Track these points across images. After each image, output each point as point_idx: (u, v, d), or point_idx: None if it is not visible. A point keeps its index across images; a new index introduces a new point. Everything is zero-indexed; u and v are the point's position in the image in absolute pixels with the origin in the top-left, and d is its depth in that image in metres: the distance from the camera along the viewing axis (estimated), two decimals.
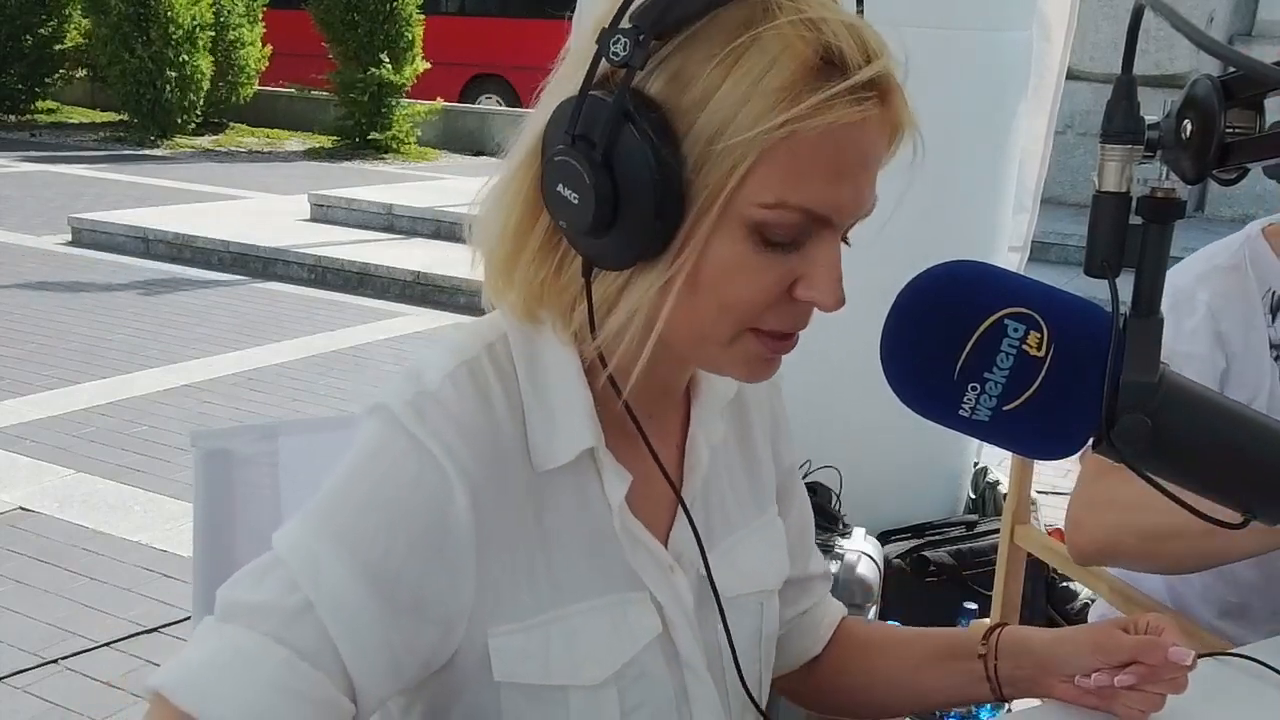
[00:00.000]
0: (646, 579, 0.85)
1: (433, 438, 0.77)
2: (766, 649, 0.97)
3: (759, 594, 0.95)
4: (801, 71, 0.69)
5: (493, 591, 0.79)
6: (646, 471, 0.85)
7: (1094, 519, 1.37)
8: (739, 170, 0.70)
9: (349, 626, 0.75)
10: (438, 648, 0.80)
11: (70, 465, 3.82)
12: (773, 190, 0.71)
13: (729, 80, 0.70)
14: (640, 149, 0.70)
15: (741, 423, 0.98)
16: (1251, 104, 0.64)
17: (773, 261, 0.74)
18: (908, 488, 3.04)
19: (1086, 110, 8.08)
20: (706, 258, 0.73)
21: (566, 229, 0.75)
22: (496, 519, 0.79)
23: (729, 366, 0.80)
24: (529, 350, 0.82)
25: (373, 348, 5.44)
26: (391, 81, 10.99)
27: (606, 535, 0.84)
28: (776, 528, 1.00)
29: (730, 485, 0.95)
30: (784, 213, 0.72)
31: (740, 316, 0.76)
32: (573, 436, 0.81)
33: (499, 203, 0.80)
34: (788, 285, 0.75)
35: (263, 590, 0.76)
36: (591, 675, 0.82)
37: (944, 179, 2.90)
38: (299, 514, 0.80)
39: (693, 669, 0.88)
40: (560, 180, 0.73)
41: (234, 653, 0.74)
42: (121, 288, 6.37)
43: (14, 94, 12.47)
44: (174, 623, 2.86)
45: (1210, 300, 1.40)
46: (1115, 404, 0.63)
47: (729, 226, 0.73)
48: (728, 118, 0.70)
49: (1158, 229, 0.63)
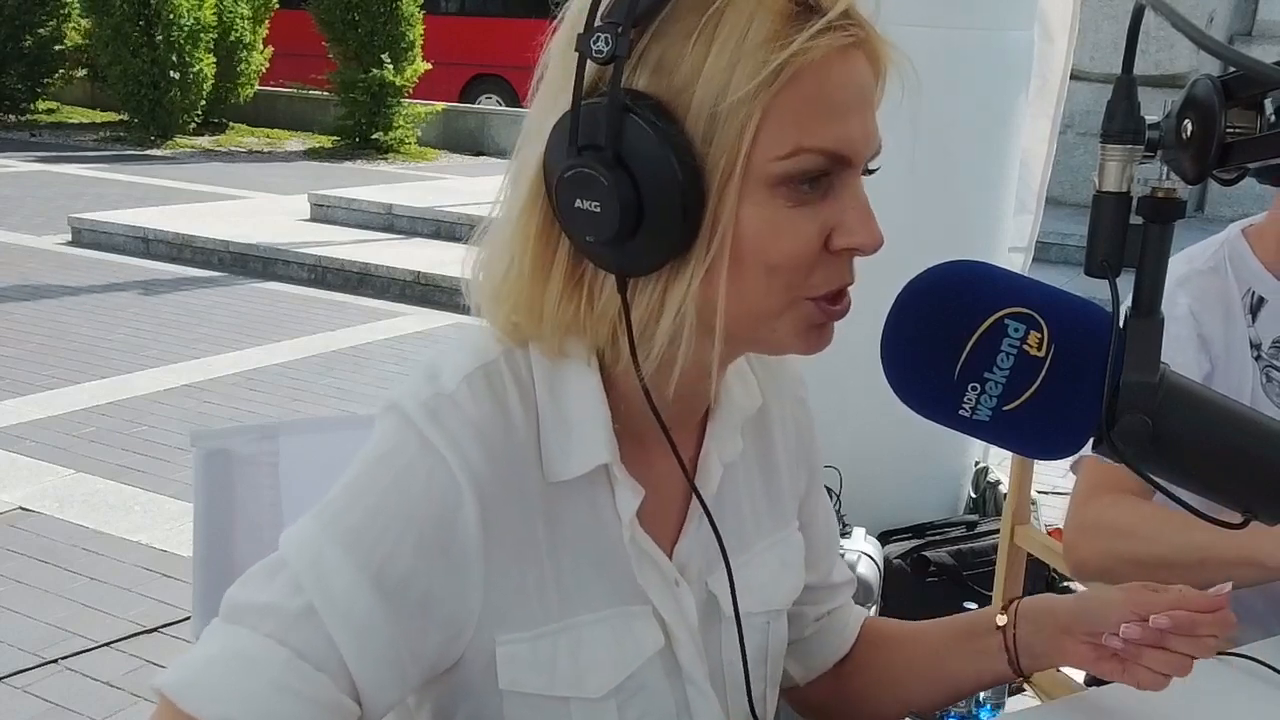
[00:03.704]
0: (651, 593, 0.85)
1: (445, 441, 0.76)
2: (773, 668, 0.97)
3: (767, 613, 0.94)
4: (780, 20, 0.70)
5: (500, 598, 0.79)
6: (655, 485, 0.84)
7: (1087, 544, 1.39)
8: (749, 131, 0.71)
9: (353, 629, 0.75)
10: (444, 652, 0.79)
11: (70, 465, 3.82)
12: (786, 140, 0.71)
13: (714, 50, 0.70)
14: (649, 139, 0.70)
15: (763, 440, 0.97)
16: (1251, 104, 0.64)
17: (805, 215, 0.74)
18: (908, 488, 3.04)
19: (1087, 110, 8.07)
20: (741, 230, 0.73)
21: (594, 243, 0.73)
22: (506, 526, 0.78)
23: (789, 339, 0.79)
24: (549, 360, 0.81)
25: (373, 348, 5.44)
26: (392, 83, 10.99)
27: (615, 548, 0.83)
28: (793, 544, 0.99)
29: (746, 503, 0.94)
30: (802, 158, 0.72)
31: (789, 280, 0.75)
32: (589, 451, 0.80)
33: (505, 250, 0.78)
34: (824, 238, 0.75)
35: (268, 592, 0.76)
36: (594, 687, 0.81)
37: (945, 179, 2.92)
38: (309, 513, 0.79)
39: (695, 684, 0.87)
40: (577, 195, 0.72)
41: (237, 654, 0.74)
42: (121, 288, 6.37)
43: (14, 94, 12.47)
44: (174, 623, 2.86)
45: (1191, 304, 1.41)
46: (1115, 404, 0.63)
47: (754, 191, 0.72)
48: (723, 83, 0.70)
49: (1158, 229, 0.63)
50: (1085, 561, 1.39)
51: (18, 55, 12.19)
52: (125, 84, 11.11)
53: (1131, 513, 1.34)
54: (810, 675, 1.08)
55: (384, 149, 11.44)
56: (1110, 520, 1.34)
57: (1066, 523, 1.41)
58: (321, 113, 12.28)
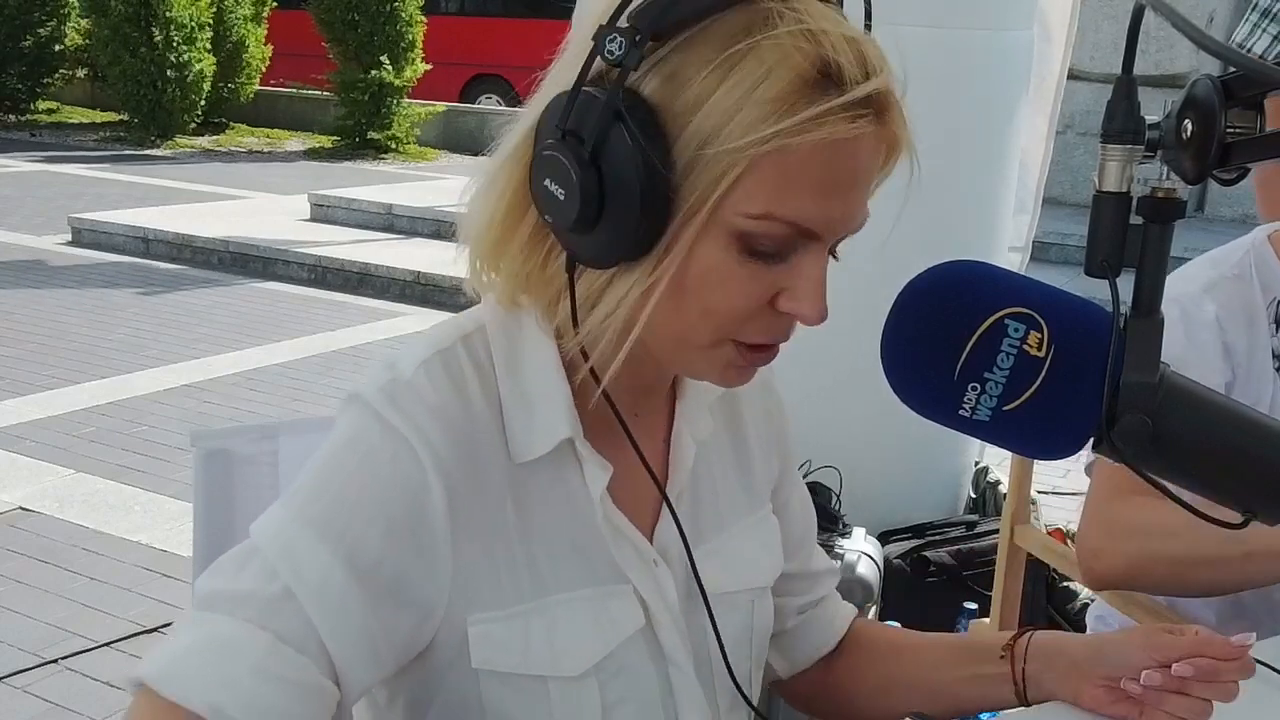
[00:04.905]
0: (630, 573, 0.86)
1: (406, 423, 0.77)
2: (758, 646, 0.97)
3: (750, 591, 0.95)
4: (796, 84, 0.69)
5: (470, 578, 0.80)
6: (631, 467, 0.85)
7: (1115, 547, 1.33)
8: (727, 179, 0.70)
9: (330, 611, 0.75)
10: (416, 632, 0.80)
11: (70, 465, 3.82)
12: (760, 202, 0.71)
13: (723, 87, 0.70)
14: (629, 150, 0.70)
15: (733, 420, 0.98)
16: (1251, 104, 0.64)
17: (757, 272, 0.74)
18: (908, 488, 3.04)
19: (1086, 110, 8.08)
20: (691, 263, 0.73)
21: (551, 223, 0.75)
22: (471, 505, 0.79)
23: (705, 371, 0.81)
24: (507, 342, 0.83)
25: (373, 348, 5.44)
26: (392, 83, 10.99)
27: (590, 528, 0.84)
28: (769, 525, 1.00)
29: (721, 481, 0.95)
30: (770, 224, 0.72)
31: (721, 324, 0.76)
32: (550, 427, 0.81)
33: (489, 192, 0.80)
34: (771, 296, 0.75)
35: (242, 579, 0.76)
36: (570, 667, 0.82)
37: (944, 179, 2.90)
38: (277, 502, 0.80)
39: (677, 664, 0.88)
40: (548, 175, 0.73)
41: (217, 640, 0.74)
42: (121, 288, 6.37)
43: (14, 94, 12.46)
44: (174, 623, 2.86)
45: (1218, 312, 1.37)
46: (1115, 404, 0.63)
47: (715, 234, 0.73)
48: (719, 125, 0.70)
49: (1158, 229, 0.63)
50: (1113, 568, 1.33)
51: (18, 55, 12.18)
52: (125, 84, 11.10)
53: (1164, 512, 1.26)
54: (794, 669, 1.08)
55: (384, 149, 11.44)
56: (1144, 521, 1.29)
57: (1085, 528, 1.36)
58: (321, 113, 12.28)
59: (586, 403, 0.83)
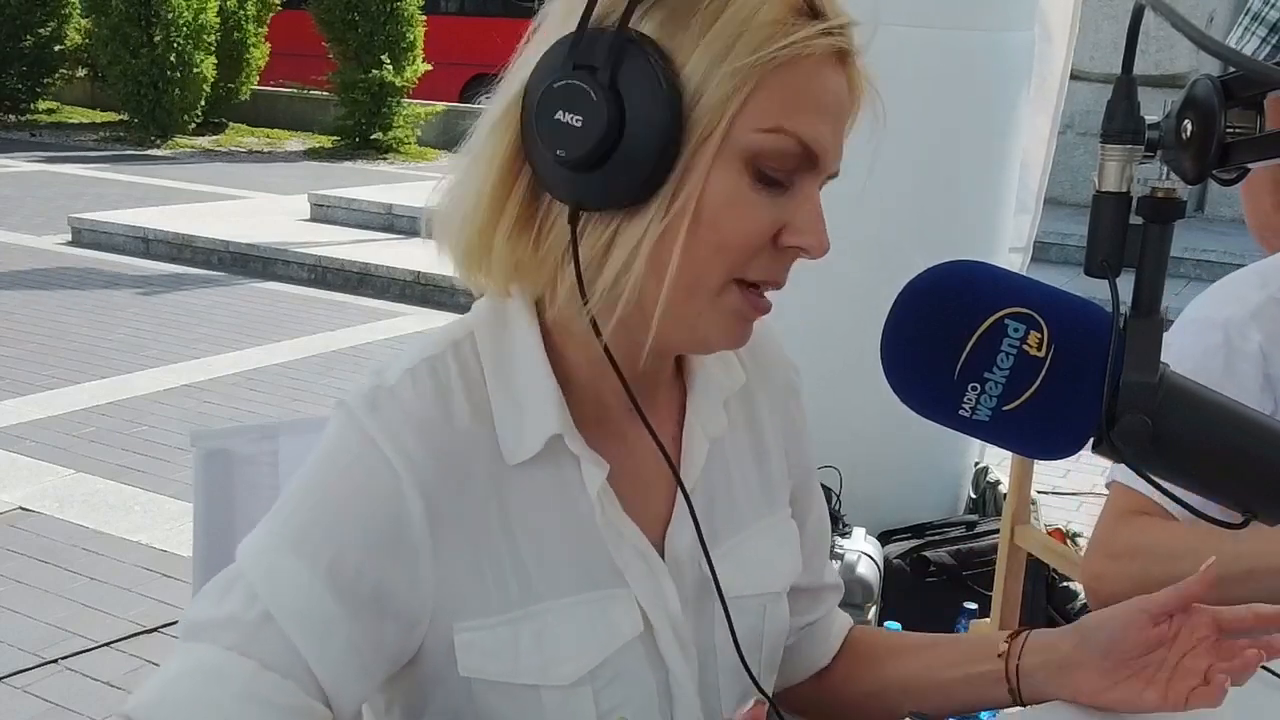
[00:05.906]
0: (629, 575, 0.84)
1: (384, 435, 0.77)
2: (769, 653, 0.95)
3: (762, 596, 0.93)
4: (787, 10, 0.74)
5: (455, 587, 0.79)
6: (637, 466, 0.84)
7: (1117, 570, 1.31)
8: (740, 95, 0.72)
9: (311, 631, 0.75)
10: (403, 642, 0.80)
11: (70, 465, 3.82)
12: (771, 116, 0.73)
13: (724, 16, 0.72)
14: (647, 71, 0.71)
15: (751, 418, 0.96)
16: (1251, 104, 0.64)
17: (765, 202, 0.75)
18: (908, 488, 3.04)
19: (1086, 110, 8.07)
20: (705, 196, 0.74)
21: (561, 159, 0.73)
22: (454, 515, 0.79)
23: (711, 325, 0.78)
24: (495, 345, 0.83)
25: (373, 348, 5.44)
26: (392, 83, 10.98)
27: (589, 530, 0.83)
28: (788, 528, 0.98)
29: (738, 481, 0.93)
30: (781, 138, 0.74)
31: (733, 260, 0.76)
32: (539, 424, 0.80)
33: (472, 171, 0.80)
34: (775, 231, 0.76)
35: (224, 605, 0.76)
36: (563, 675, 0.81)
37: (945, 179, 2.92)
38: (263, 520, 0.80)
39: (674, 671, 0.86)
40: (561, 106, 0.72)
41: (201, 669, 0.74)
42: (121, 288, 6.38)
43: (14, 94, 12.47)
44: (174, 623, 2.85)
45: (1263, 342, 1.31)
46: (1115, 404, 0.63)
47: (728, 158, 0.74)
48: (726, 47, 0.72)
49: (1158, 229, 0.63)
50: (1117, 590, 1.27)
51: (18, 55, 12.18)
52: (125, 84, 11.11)
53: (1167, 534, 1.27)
54: (786, 684, 1.05)
55: (384, 149, 11.44)
56: (1147, 543, 1.28)
57: (1092, 551, 1.34)
58: (321, 113, 12.27)
59: (584, 398, 0.82)
